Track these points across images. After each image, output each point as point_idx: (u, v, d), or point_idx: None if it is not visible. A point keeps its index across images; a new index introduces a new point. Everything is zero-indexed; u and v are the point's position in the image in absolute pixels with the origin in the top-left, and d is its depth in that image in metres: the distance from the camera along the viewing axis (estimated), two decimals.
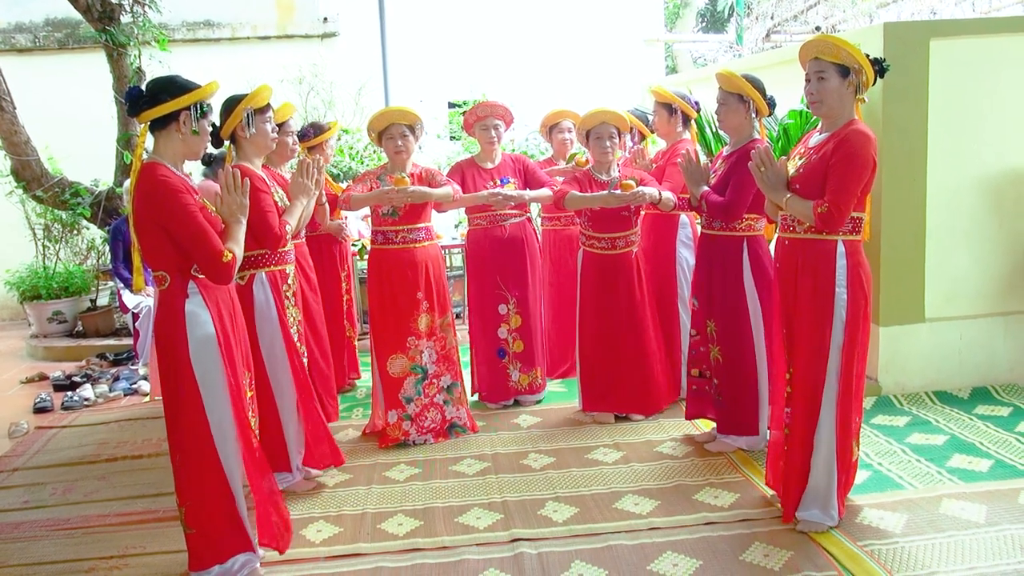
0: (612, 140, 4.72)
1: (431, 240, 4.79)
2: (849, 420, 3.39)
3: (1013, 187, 5.11)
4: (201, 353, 3.01)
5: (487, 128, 5.11)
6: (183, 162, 3.16)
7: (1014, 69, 5.03)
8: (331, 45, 10.05)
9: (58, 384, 6.40)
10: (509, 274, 5.18)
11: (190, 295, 3.03)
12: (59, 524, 3.97)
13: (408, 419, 4.70)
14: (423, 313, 4.69)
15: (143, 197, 2.98)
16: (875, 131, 4.85)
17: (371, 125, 4.70)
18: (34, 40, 9.57)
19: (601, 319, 4.83)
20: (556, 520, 3.69)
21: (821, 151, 3.32)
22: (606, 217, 4.73)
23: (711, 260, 4.29)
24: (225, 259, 3.00)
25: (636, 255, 4.85)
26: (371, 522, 3.76)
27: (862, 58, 3.29)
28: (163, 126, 3.07)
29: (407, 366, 4.70)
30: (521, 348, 5.26)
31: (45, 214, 8.27)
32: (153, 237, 3.00)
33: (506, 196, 4.98)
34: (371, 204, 4.64)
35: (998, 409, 4.83)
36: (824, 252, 3.31)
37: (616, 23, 10.65)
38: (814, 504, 3.46)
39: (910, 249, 5.02)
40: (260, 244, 3.79)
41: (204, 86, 3.13)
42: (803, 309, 3.38)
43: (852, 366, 3.35)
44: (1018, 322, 5.20)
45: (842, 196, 3.20)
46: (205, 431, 3.05)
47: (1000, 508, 3.59)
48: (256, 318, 3.84)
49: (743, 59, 9.63)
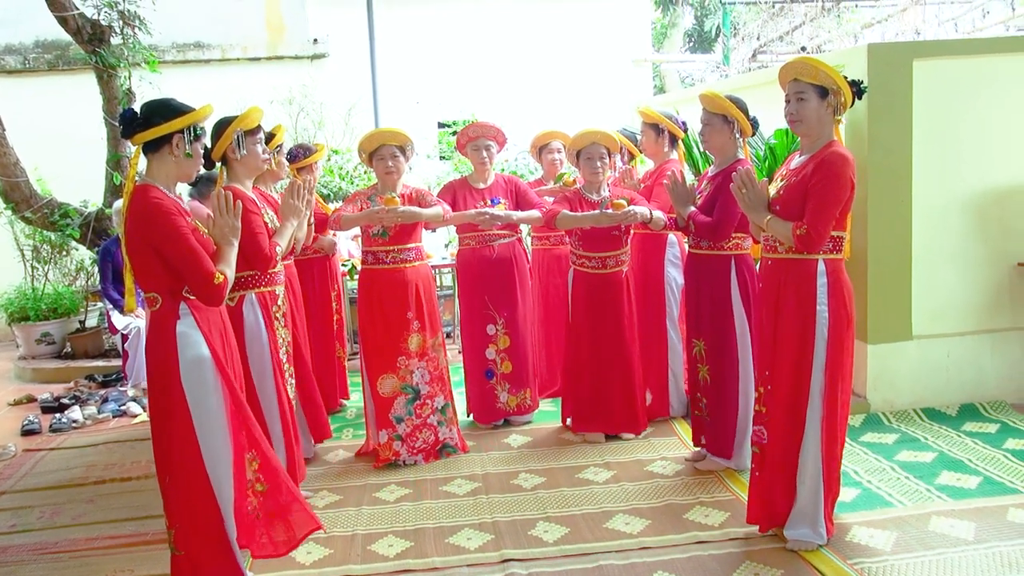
0: (602, 160, 4.72)
1: (421, 260, 4.79)
2: (835, 438, 3.41)
3: (997, 205, 5.17)
4: (192, 374, 3.00)
5: (479, 148, 5.12)
6: (176, 184, 3.17)
7: (997, 89, 5.10)
8: (321, 66, 10.10)
9: (46, 406, 6.35)
10: (497, 294, 5.18)
11: (181, 316, 3.03)
12: (46, 548, 3.94)
13: (399, 439, 4.69)
14: (414, 333, 4.68)
15: (135, 219, 2.98)
16: (860, 150, 4.96)
17: (362, 146, 4.72)
18: (24, 62, 9.58)
19: (590, 338, 4.83)
20: (547, 540, 3.69)
21: (801, 173, 3.36)
22: (597, 236, 4.74)
23: (699, 279, 4.32)
24: (216, 281, 3.00)
25: (626, 275, 4.86)
26: (361, 543, 3.75)
27: (840, 79, 3.33)
28: (156, 148, 3.07)
29: (397, 386, 4.69)
30: (509, 369, 5.24)
31: (34, 235, 8.23)
32: (145, 259, 3.00)
33: (493, 215, 4.97)
34: (361, 224, 4.66)
35: (986, 426, 4.85)
36: (805, 271, 3.34)
37: (605, 43, 10.73)
38: (803, 523, 3.47)
39: (896, 267, 5.06)
40: (250, 265, 3.80)
41: (198, 109, 3.14)
42: (785, 328, 3.40)
43: (837, 384, 3.36)
44: (1005, 339, 5.24)
45: (821, 217, 3.25)
46: (195, 453, 3.03)
47: (988, 525, 3.61)
48: (246, 339, 3.85)
49: (730, 79, 9.72)
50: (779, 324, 3.42)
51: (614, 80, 10.64)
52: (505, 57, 10.37)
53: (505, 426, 5.32)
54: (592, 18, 10.72)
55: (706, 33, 18.78)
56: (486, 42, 10.37)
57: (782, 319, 3.41)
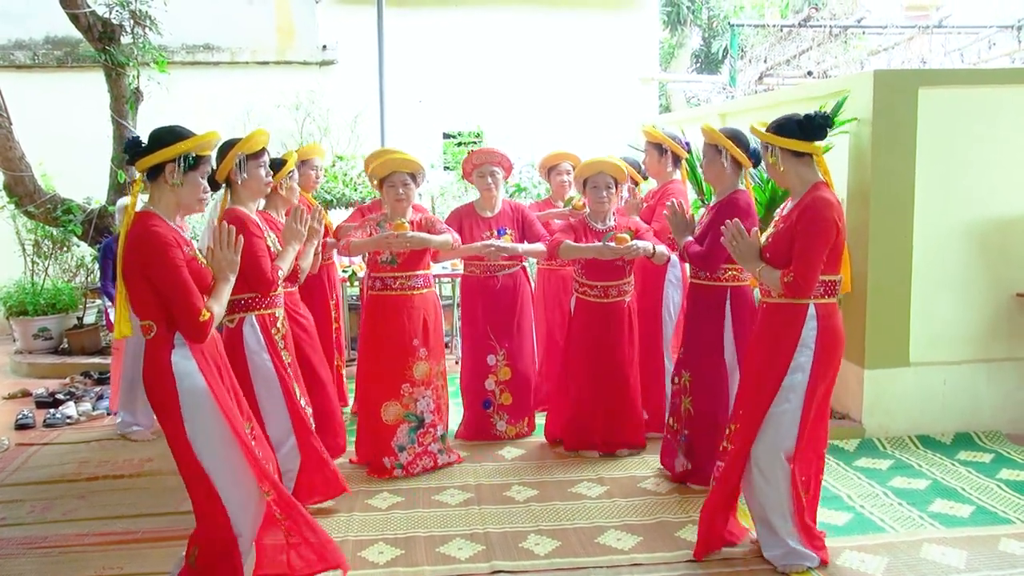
0: (609, 190, 4.68)
1: (429, 288, 4.75)
2: (808, 471, 3.47)
3: (998, 234, 5.19)
4: (192, 406, 2.97)
5: (484, 175, 5.07)
6: (177, 213, 3.12)
7: (1002, 119, 5.12)
8: (329, 73, 10.13)
9: (41, 401, 6.35)
10: (499, 324, 5.15)
11: (176, 346, 2.99)
12: (36, 542, 3.94)
13: (400, 467, 4.64)
14: (420, 360, 4.64)
15: (132, 245, 2.95)
16: (864, 176, 4.99)
17: (374, 171, 4.66)
18: (33, 57, 9.61)
19: (589, 366, 4.81)
20: (538, 553, 3.68)
21: (788, 220, 3.42)
22: (600, 266, 4.70)
23: (696, 309, 4.37)
24: (202, 319, 2.96)
25: (629, 304, 4.83)
26: (352, 550, 3.74)
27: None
28: (155, 176, 3.04)
29: (400, 413, 4.63)
30: (509, 401, 5.22)
31: (36, 230, 8.25)
32: (139, 286, 2.96)
33: (499, 248, 4.95)
34: (370, 250, 4.64)
35: (980, 455, 4.85)
36: (795, 314, 3.37)
37: (612, 60, 10.77)
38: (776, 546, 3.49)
39: (896, 293, 5.07)
40: (251, 288, 3.82)
41: (198, 136, 3.07)
42: (761, 364, 3.44)
43: (807, 424, 3.38)
44: (1001, 369, 5.25)
45: (807, 265, 3.29)
46: (207, 483, 3.03)
47: (980, 554, 3.61)
48: (248, 362, 3.86)
49: (735, 100, 9.76)
50: (757, 370, 3.47)
51: (621, 97, 10.68)
52: (512, 70, 10.42)
53: (495, 442, 5.26)
54: (600, 35, 10.78)
55: (713, 54, 18.85)
56: (494, 55, 10.41)
57: (761, 365, 3.45)
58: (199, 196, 3.12)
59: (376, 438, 4.67)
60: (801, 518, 3.45)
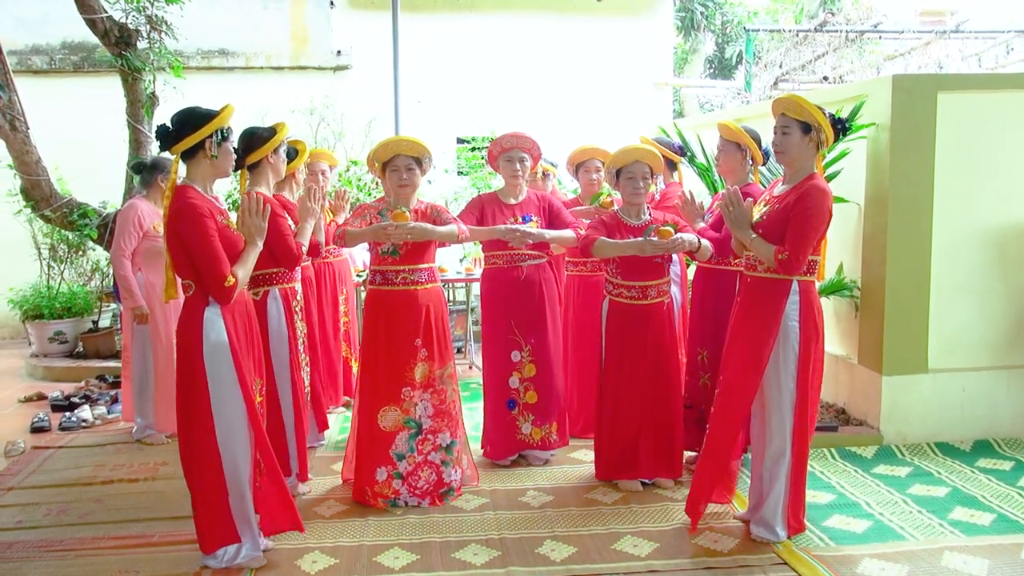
0: (645, 180, 4.32)
1: (434, 282, 4.38)
2: (804, 446, 3.68)
3: (1017, 240, 5.14)
4: (213, 356, 3.36)
5: (512, 160, 4.72)
6: (212, 183, 3.56)
7: (1021, 124, 5.08)
8: (343, 77, 10.16)
9: (56, 404, 6.37)
10: (524, 319, 4.76)
11: (210, 303, 3.40)
12: (52, 545, 3.94)
13: (399, 477, 4.27)
14: (420, 362, 4.27)
15: (173, 215, 3.36)
16: (882, 181, 4.96)
17: (375, 155, 4.30)
18: (50, 62, 9.67)
19: (627, 377, 4.40)
20: (554, 559, 3.66)
21: (783, 201, 3.63)
22: (637, 265, 4.33)
23: (705, 293, 4.60)
24: (227, 283, 3.34)
25: (668, 305, 4.46)
26: (367, 555, 3.73)
27: (822, 118, 3.58)
28: (192, 155, 3.44)
29: (400, 419, 4.26)
30: (535, 400, 4.82)
31: (52, 234, 8.30)
32: (179, 251, 3.37)
33: (524, 233, 4.61)
34: (368, 240, 4.29)
35: (1000, 463, 4.80)
36: (780, 290, 3.62)
37: (626, 65, 10.75)
38: (763, 525, 3.78)
39: (914, 299, 5.03)
40: (278, 263, 4.18)
41: (220, 112, 3.46)
42: (750, 337, 3.66)
43: (807, 394, 3.63)
44: (1021, 376, 5.19)
45: (801, 245, 3.52)
46: (210, 427, 3.38)
47: (1002, 563, 3.56)
48: (270, 333, 4.23)
49: (751, 105, 9.73)
50: (746, 334, 3.70)
51: (634, 102, 10.65)
52: (526, 75, 10.41)
53: (519, 460, 4.93)
54: (615, 40, 10.76)
55: (726, 60, 18.84)
56: (509, 60, 10.41)
57: (750, 330, 3.68)
58: (231, 162, 3.57)
59: (372, 446, 4.29)
60: (798, 500, 3.76)
